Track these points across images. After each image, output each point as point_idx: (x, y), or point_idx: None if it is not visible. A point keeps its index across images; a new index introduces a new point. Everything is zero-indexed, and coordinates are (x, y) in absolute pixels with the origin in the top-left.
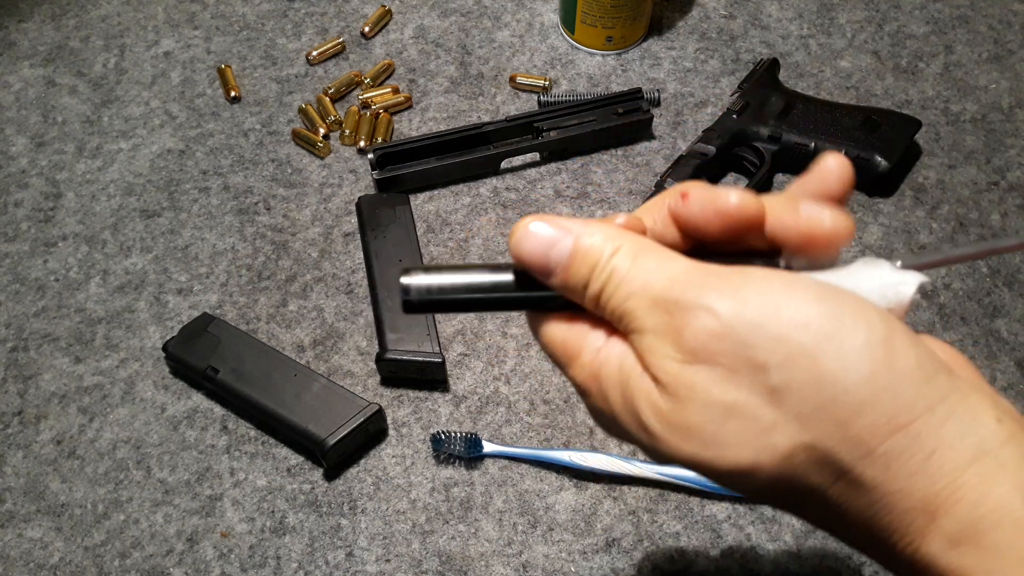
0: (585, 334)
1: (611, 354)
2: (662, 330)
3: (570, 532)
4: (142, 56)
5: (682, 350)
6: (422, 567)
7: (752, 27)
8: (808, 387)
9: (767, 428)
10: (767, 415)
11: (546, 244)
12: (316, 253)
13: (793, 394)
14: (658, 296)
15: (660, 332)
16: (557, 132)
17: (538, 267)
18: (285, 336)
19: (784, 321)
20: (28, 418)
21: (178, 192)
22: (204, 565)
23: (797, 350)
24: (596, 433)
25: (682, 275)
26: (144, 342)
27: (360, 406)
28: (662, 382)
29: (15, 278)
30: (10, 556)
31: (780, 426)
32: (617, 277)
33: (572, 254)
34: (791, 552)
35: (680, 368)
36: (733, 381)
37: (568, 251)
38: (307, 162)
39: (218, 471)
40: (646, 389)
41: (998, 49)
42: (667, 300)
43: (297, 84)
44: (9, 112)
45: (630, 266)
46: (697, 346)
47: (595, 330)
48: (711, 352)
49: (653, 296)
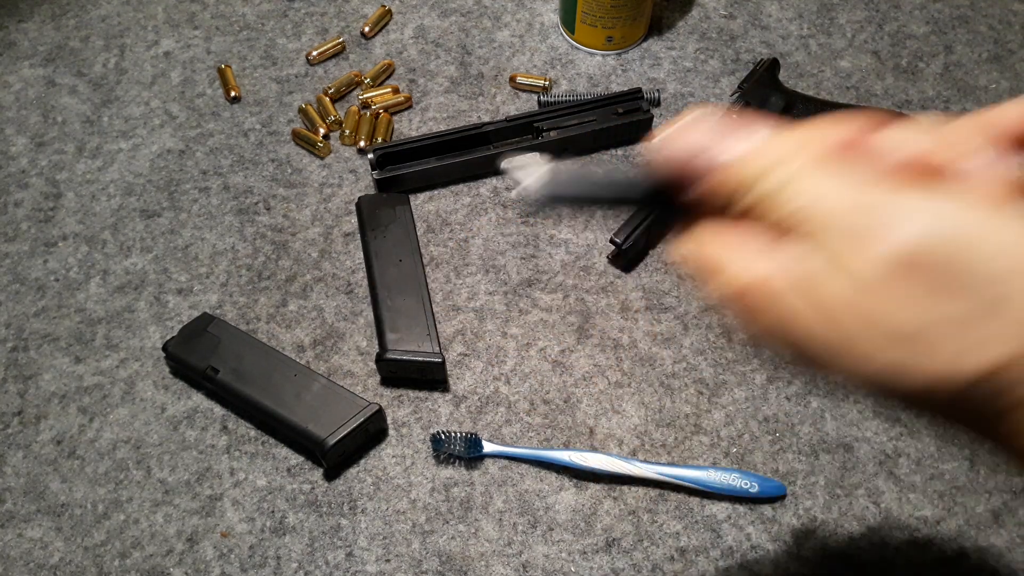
0: (743, 239)
1: (781, 259)
2: (863, 233)
3: (570, 532)
4: (142, 56)
5: (890, 253)
6: (422, 567)
7: (752, 27)
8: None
9: (982, 338)
10: (983, 324)
11: (705, 142)
12: (316, 253)
13: (1014, 305)
14: (855, 200)
15: (860, 235)
16: (557, 132)
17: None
18: (285, 336)
19: (1006, 231)
20: (28, 418)
21: (178, 192)
22: (204, 565)
23: (1019, 262)
24: (596, 433)
25: (880, 183)
26: (144, 342)
27: (360, 406)
28: (863, 283)
29: (15, 278)
30: (10, 556)
31: (996, 336)
32: (800, 180)
33: (740, 153)
34: (791, 552)
35: (888, 270)
36: (948, 288)
37: (734, 150)
38: (307, 162)
39: (218, 471)
40: (841, 290)
41: (998, 49)
42: (868, 204)
43: (297, 84)
44: (9, 112)
45: (814, 169)
46: (910, 250)
47: (752, 238)
48: (926, 256)
49: (848, 199)
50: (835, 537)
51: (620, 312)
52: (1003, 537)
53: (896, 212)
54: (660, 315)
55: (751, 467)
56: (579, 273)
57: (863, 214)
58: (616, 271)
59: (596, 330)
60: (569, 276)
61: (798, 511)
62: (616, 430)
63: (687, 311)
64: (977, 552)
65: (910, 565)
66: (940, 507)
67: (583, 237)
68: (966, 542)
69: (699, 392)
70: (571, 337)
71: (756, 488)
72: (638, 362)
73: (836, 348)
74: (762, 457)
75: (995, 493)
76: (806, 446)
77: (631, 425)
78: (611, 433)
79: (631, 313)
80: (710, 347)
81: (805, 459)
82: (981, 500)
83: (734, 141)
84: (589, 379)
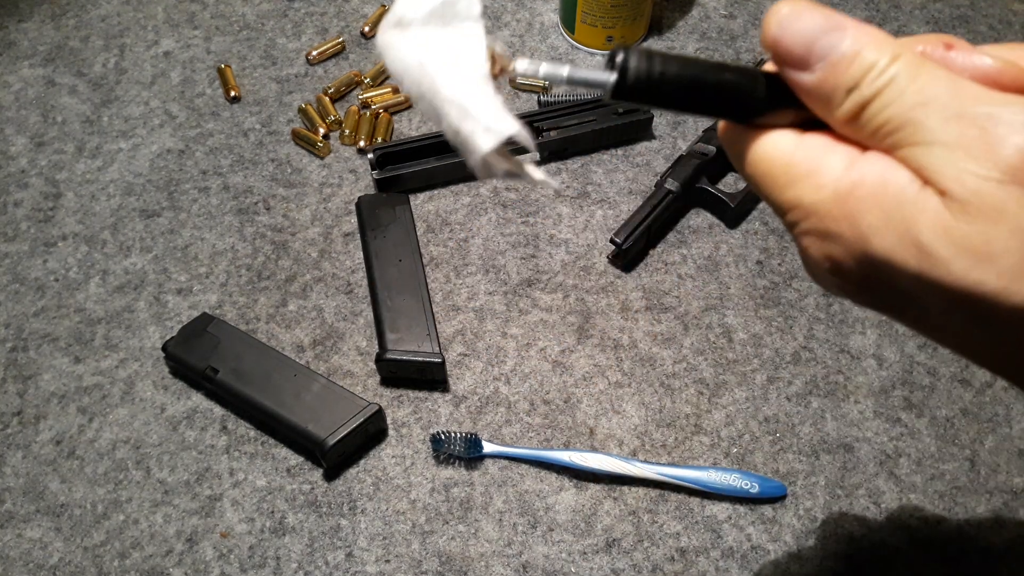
0: (826, 149)
1: (870, 170)
2: (966, 143)
3: (570, 532)
4: (142, 56)
5: (996, 167)
6: (422, 567)
7: (752, 27)
8: None
9: None
10: None
11: (817, 30)
12: (316, 253)
13: None
14: (960, 108)
15: (963, 146)
16: (557, 132)
17: (797, 55)
18: (285, 336)
19: None
20: (27, 418)
21: (178, 192)
22: (204, 565)
23: None
24: (596, 433)
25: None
26: (144, 342)
27: (360, 406)
28: (960, 199)
29: (15, 278)
30: (10, 556)
31: None
32: (900, 84)
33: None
34: (791, 552)
35: (991, 186)
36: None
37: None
38: (307, 162)
39: (218, 471)
40: (931, 206)
41: None
42: (974, 113)
43: (297, 84)
44: (9, 112)
45: (916, 74)
46: (1018, 165)
47: (840, 144)
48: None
49: (952, 107)
50: (835, 537)
51: (620, 312)
52: (1003, 537)
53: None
54: (660, 315)
55: (751, 467)
56: (579, 273)
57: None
58: (616, 271)
59: (596, 330)
60: (569, 276)
61: (798, 511)
62: (616, 430)
63: (687, 311)
64: (977, 552)
65: (910, 565)
66: (940, 507)
67: (583, 237)
68: (966, 542)
69: (699, 392)
70: (571, 337)
71: (756, 488)
72: (638, 362)
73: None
74: (762, 457)
75: (995, 493)
76: (806, 446)
77: (631, 425)
78: (611, 433)
79: (631, 313)
80: (710, 347)
81: (805, 459)
82: (981, 500)
83: (856, 29)
84: (589, 379)
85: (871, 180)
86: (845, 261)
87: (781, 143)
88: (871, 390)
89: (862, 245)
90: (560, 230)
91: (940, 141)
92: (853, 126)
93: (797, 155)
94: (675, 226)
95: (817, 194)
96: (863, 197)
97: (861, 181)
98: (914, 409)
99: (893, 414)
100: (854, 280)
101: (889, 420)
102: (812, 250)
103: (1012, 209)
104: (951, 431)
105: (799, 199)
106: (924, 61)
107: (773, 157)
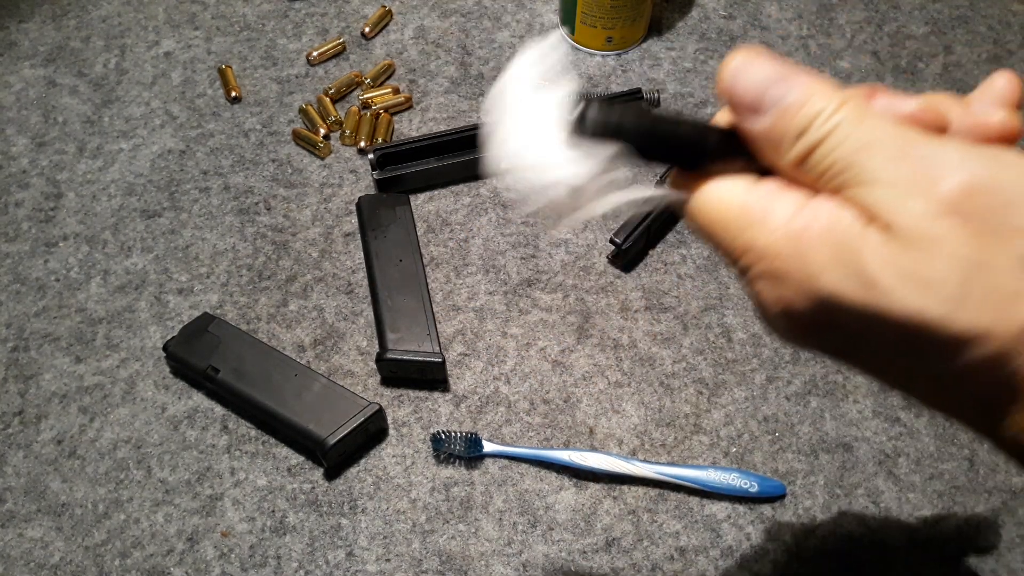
0: (777, 194)
1: (819, 211)
2: (907, 182)
3: (570, 532)
4: (143, 56)
5: (935, 202)
6: (422, 567)
7: (752, 27)
8: None
9: (1013, 295)
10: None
11: (767, 80)
12: (316, 253)
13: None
14: (900, 149)
15: (904, 184)
16: None
17: (749, 103)
18: (285, 336)
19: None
20: (28, 418)
21: (179, 192)
22: (204, 565)
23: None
24: (596, 433)
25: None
26: (144, 342)
27: (360, 406)
28: (902, 233)
29: (16, 278)
30: (10, 556)
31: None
32: (845, 129)
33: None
34: (791, 552)
35: (930, 219)
36: (986, 240)
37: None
38: (307, 162)
39: (218, 471)
40: (876, 241)
41: (997, 49)
42: (913, 154)
43: (297, 84)
44: (10, 112)
45: (859, 120)
46: (954, 199)
47: (789, 189)
48: (969, 207)
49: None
50: (835, 537)
51: (620, 312)
52: (1003, 537)
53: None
54: (660, 315)
55: (751, 467)
56: (579, 273)
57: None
58: (616, 271)
59: (596, 330)
60: (569, 276)
61: (798, 511)
62: (616, 430)
63: (687, 311)
64: (977, 552)
65: (909, 565)
66: (940, 507)
67: (583, 237)
68: (965, 542)
69: (699, 392)
70: (571, 337)
71: (756, 488)
72: (638, 362)
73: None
74: (762, 457)
75: (995, 493)
76: (806, 446)
77: (631, 425)
78: (611, 433)
79: (631, 313)
80: (710, 347)
81: (805, 459)
82: (981, 500)
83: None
84: (589, 379)
85: (820, 221)
86: (796, 302)
87: (735, 189)
88: (870, 389)
89: (812, 283)
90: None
91: (883, 180)
92: (801, 170)
93: (750, 200)
94: (675, 226)
95: (769, 237)
96: (813, 237)
97: (810, 222)
98: (913, 408)
99: (892, 413)
100: (805, 322)
101: (888, 419)
102: (765, 293)
103: (950, 239)
104: (950, 430)
105: (752, 242)
106: (867, 108)
107: (728, 202)
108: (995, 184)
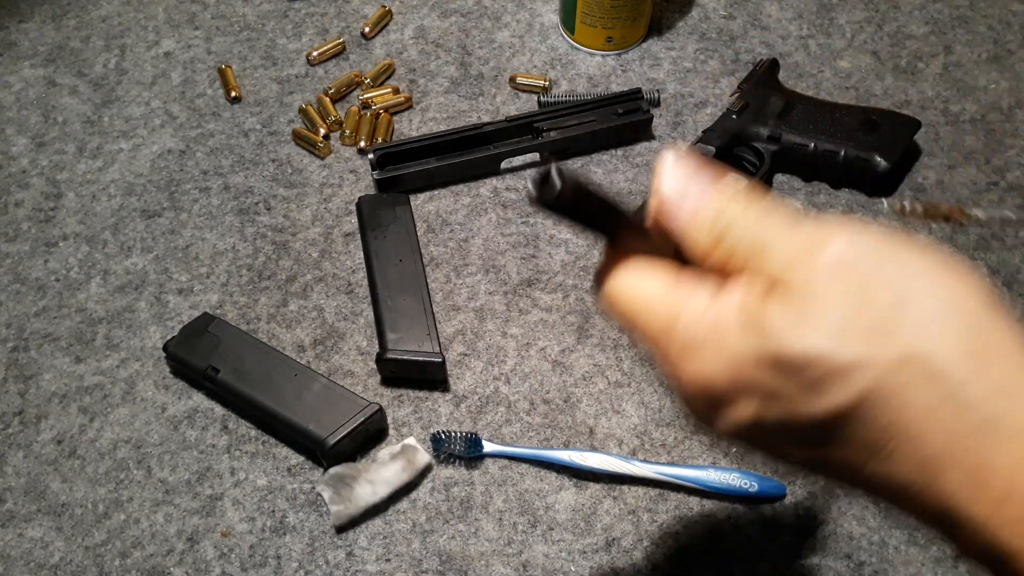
0: (694, 289)
1: (730, 298)
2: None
3: (570, 532)
4: (143, 56)
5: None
6: (422, 566)
7: (752, 27)
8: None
9: (889, 330)
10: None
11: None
12: (316, 253)
13: (913, 306)
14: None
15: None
16: (557, 132)
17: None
18: (285, 336)
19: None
20: (29, 418)
21: (179, 192)
22: (204, 565)
23: (918, 272)
24: (596, 433)
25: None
26: (144, 342)
27: (360, 406)
28: (796, 288)
29: (16, 278)
30: (10, 556)
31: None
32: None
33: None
34: (791, 552)
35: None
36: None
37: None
38: (307, 162)
39: (218, 471)
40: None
41: (998, 49)
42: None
43: (297, 84)
44: (10, 112)
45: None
46: (838, 257)
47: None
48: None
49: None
50: (834, 537)
51: None
52: None
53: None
54: None
55: (751, 467)
56: (579, 273)
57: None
58: None
59: (596, 330)
60: (569, 276)
61: (798, 511)
62: (616, 430)
63: None
64: None
65: (910, 565)
66: None
67: (583, 237)
68: None
69: None
70: (571, 337)
71: (756, 488)
72: (638, 362)
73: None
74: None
75: None
76: None
77: (631, 425)
78: (611, 433)
79: None
80: None
81: None
82: None
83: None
84: (589, 379)
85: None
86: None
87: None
88: None
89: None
90: (560, 230)
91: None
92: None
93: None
94: None
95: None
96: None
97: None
98: None
99: None
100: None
101: None
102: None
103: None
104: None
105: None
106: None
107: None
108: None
